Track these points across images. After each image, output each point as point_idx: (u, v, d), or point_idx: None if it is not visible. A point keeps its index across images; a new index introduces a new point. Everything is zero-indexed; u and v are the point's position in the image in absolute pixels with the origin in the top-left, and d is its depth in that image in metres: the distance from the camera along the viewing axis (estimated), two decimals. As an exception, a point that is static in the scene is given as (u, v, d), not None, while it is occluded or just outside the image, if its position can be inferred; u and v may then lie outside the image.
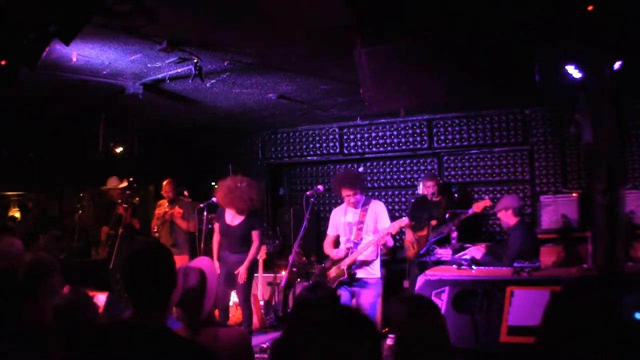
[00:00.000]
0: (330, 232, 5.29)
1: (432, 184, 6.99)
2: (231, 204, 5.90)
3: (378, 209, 5.06)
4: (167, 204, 7.23)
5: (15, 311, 2.59)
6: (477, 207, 6.30)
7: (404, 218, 4.95)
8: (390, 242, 5.08)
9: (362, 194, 5.08)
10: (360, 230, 5.01)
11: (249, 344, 2.68)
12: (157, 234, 7.18)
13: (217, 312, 6.14)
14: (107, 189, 7.77)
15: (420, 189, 7.33)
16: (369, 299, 4.94)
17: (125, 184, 7.66)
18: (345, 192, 5.03)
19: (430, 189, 6.98)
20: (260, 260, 6.87)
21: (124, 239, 7.23)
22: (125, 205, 7.42)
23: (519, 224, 5.79)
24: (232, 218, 5.96)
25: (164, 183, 7.28)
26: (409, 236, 6.80)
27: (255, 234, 5.93)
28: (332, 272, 5.06)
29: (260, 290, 7.13)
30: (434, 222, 6.74)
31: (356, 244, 4.99)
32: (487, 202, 6.30)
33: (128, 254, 2.15)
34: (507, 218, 5.81)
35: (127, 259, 2.12)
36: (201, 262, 2.82)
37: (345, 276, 4.93)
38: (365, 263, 4.98)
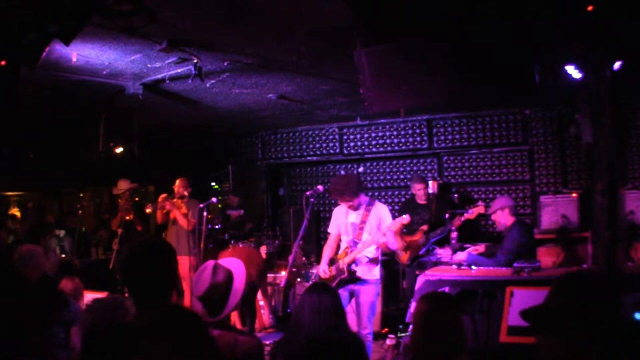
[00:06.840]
0: (332, 230, 5.26)
1: (421, 186, 6.90)
2: None
3: (382, 212, 5.03)
4: (175, 199, 7.17)
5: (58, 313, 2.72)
6: (471, 215, 6.27)
7: (404, 216, 4.94)
8: (393, 246, 5.03)
9: (357, 198, 5.00)
10: (362, 230, 4.99)
11: (263, 354, 2.70)
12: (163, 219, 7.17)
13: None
14: (118, 192, 7.72)
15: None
16: (369, 299, 4.93)
17: (135, 185, 7.65)
18: (340, 202, 5.09)
19: (420, 192, 6.90)
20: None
21: (124, 240, 7.23)
22: (128, 207, 7.42)
23: (516, 223, 5.77)
24: None
25: (178, 181, 7.24)
26: (400, 243, 6.72)
27: None
28: (333, 270, 5.06)
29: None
30: (425, 227, 6.68)
31: (356, 243, 4.99)
32: (481, 209, 6.26)
33: (127, 251, 2.19)
34: (504, 218, 5.79)
35: (125, 256, 2.16)
36: (232, 263, 2.83)
37: (346, 274, 4.93)
38: (366, 263, 4.98)
